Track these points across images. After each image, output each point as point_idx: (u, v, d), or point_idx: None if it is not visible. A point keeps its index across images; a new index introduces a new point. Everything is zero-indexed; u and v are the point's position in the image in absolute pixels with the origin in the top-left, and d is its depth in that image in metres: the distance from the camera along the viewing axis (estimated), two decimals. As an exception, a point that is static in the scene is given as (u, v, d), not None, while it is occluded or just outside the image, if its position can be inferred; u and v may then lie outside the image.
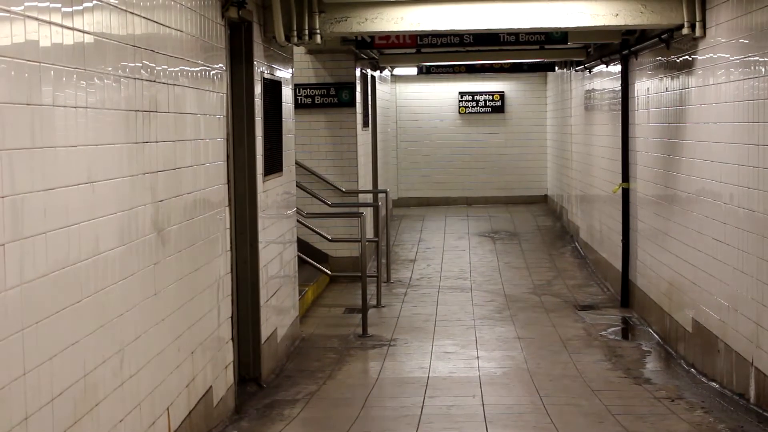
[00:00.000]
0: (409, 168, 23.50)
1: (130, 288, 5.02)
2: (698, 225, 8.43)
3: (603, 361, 9.07)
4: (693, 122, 8.67)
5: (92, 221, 4.50)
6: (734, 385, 7.48)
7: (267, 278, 8.43)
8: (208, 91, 6.62)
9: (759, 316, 6.93)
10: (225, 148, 7.10)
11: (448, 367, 8.96)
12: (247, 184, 8.00)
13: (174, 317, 5.78)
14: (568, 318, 11.01)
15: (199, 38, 6.42)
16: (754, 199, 7.01)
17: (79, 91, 4.35)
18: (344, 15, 9.04)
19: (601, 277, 13.26)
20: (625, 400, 7.77)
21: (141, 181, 5.19)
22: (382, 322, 10.89)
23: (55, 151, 4.10)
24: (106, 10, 4.70)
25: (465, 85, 23.15)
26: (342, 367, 8.98)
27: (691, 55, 8.68)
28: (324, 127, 13.80)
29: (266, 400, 7.81)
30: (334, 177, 13.71)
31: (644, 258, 10.70)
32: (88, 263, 4.45)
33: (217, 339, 6.82)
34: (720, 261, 7.80)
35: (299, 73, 12.96)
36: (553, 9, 8.96)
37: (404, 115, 23.50)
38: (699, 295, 8.43)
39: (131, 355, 5.01)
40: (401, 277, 13.92)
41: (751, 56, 7.03)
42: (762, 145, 6.83)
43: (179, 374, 5.89)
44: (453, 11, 9.07)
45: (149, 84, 5.33)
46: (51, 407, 4.05)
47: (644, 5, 8.77)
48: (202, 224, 6.44)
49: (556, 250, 16.23)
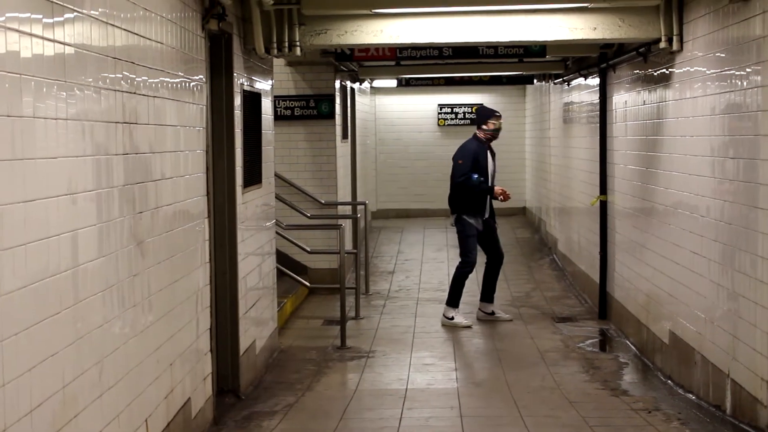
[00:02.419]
0: (388, 180, 23.53)
1: (110, 299, 5.02)
2: (675, 237, 8.48)
3: (581, 372, 9.11)
4: (670, 135, 8.73)
5: (72, 232, 4.51)
6: (711, 396, 7.53)
7: (246, 290, 8.43)
8: (188, 103, 6.63)
9: (735, 328, 6.98)
10: (204, 160, 7.11)
11: (426, 378, 8.97)
12: (226, 196, 8.01)
13: (153, 329, 5.78)
14: (546, 330, 11.04)
15: (180, 50, 6.43)
16: (730, 212, 7.07)
17: (60, 103, 4.36)
18: (324, 27, 9.07)
19: (579, 289, 13.31)
20: (602, 412, 7.81)
21: (121, 192, 5.19)
22: (361, 333, 10.90)
23: (35, 163, 4.11)
24: (86, 21, 4.71)
25: (444, 97, 23.21)
26: (320, 378, 8.98)
27: (669, 68, 8.74)
28: (303, 138, 13.82)
29: (245, 412, 7.80)
30: (314, 189, 13.72)
31: (622, 270, 10.75)
32: (68, 274, 4.46)
33: (195, 351, 6.82)
34: (697, 273, 7.85)
35: (279, 84, 12.98)
36: (532, 22, 9.02)
37: (383, 127, 23.55)
38: (676, 307, 8.48)
39: (110, 366, 5.01)
40: (380, 288, 13.93)
41: (728, 70, 7.09)
42: (738, 158, 6.89)
43: (158, 386, 5.89)
44: (432, 24, 9.11)
45: (129, 96, 5.34)
46: (30, 419, 4.05)
47: (622, 19, 8.84)
48: (182, 236, 6.45)
49: (535, 262, 16.28)
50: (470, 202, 11.46)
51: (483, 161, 11.52)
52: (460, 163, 11.52)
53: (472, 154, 11.49)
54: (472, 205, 11.46)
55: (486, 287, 11.71)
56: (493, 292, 11.69)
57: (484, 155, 11.55)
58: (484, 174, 11.48)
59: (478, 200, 11.47)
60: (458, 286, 11.45)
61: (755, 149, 6.54)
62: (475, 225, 11.48)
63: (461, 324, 11.23)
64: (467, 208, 11.46)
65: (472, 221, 11.47)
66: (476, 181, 11.37)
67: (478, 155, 11.49)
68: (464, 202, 11.47)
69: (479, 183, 11.38)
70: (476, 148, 11.56)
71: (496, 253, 11.74)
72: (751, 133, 6.63)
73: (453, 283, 11.51)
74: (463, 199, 11.47)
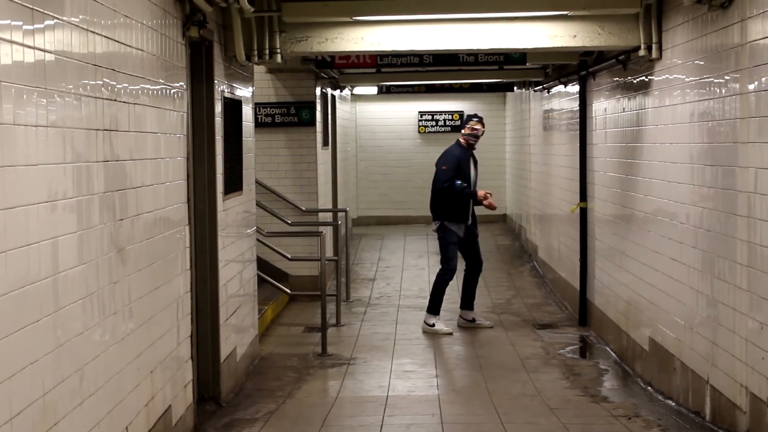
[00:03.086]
0: (369, 187, 23.55)
1: (90, 307, 5.01)
2: (655, 244, 8.52)
3: (561, 379, 9.13)
4: (650, 142, 8.76)
5: (52, 240, 4.50)
6: (690, 402, 7.56)
7: (227, 297, 8.42)
8: (168, 110, 6.63)
9: (714, 335, 7.02)
10: (185, 167, 7.10)
11: (407, 385, 8.98)
12: (207, 203, 8.00)
13: (134, 336, 5.77)
14: (526, 337, 11.07)
15: (160, 57, 6.43)
16: (709, 219, 7.10)
17: (40, 110, 4.35)
18: (305, 35, 9.08)
19: (560, 296, 13.34)
20: (582, 419, 7.83)
21: (101, 199, 5.18)
22: (342, 341, 10.90)
23: (15, 170, 4.10)
24: (67, 28, 4.71)
25: (425, 104, 23.25)
26: (301, 386, 8.97)
27: (648, 76, 8.79)
28: (284, 146, 13.82)
29: (225, 419, 7.79)
30: (294, 196, 13.72)
31: (602, 277, 10.79)
32: (48, 282, 4.45)
33: (176, 358, 6.81)
34: (676, 280, 7.89)
35: (260, 92, 12.98)
36: (512, 30, 9.05)
37: (364, 135, 23.56)
38: (656, 314, 8.51)
39: (91, 374, 4.99)
40: (361, 296, 13.93)
41: (706, 78, 7.13)
42: (717, 166, 6.92)
43: (138, 393, 5.88)
44: (413, 32, 9.13)
45: (110, 103, 5.33)
46: (9, 426, 4.03)
47: (602, 27, 8.87)
48: (162, 243, 6.44)
49: (515, 269, 16.31)
50: (453, 209, 11.46)
51: (466, 168, 11.53)
52: (444, 169, 11.52)
53: (456, 161, 11.50)
54: (454, 211, 11.46)
55: (465, 294, 11.72)
56: (473, 299, 11.70)
57: (467, 162, 11.57)
58: (467, 181, 11.49)
59: (461, 207, 11.48)
60: (439, 293, 11.46)
61: (733, 156, 6.58)
62: (457, 232, 11.49)
63: (442, 331, 11.23)
64: (450, 215, 11.47)
65: (455, 228, 11.48)
66: (459, 187, 11.38)
67: (461, 161, 11.51)
68: (447, 208, 11.48)
69: (462, 189, 11.39)
70: (460, 154, 11.57)
71: (476, 260, 11.75)
72: (729, 141, 6.67)
73: (433, 290, 11.51)
74: (446, 205, 11.48)
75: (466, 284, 11.73)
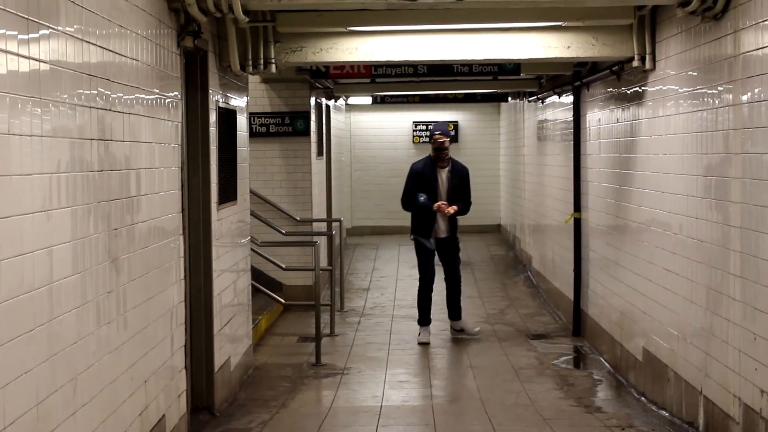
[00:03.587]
0: (363, 197, 23.55)
1: (84, 316, 5.01)
2: (649, 255, 8.53)
3: (555, 389, 9.13)
4: (643, 153, 8.78)
5: (47, 249, 4.50)
6: (684, 413, 7.56)
7: (221, 307, 8.42)
8: (163, 120, 6.63)
9: (708, 346, 7.03)
10: (180, 177, 7.11)
11: (401, 395, 8.98)
12: (201, 213, 8.00)
13: (128, 346, 5.77)
14: (520, 347, 11.07)
15: (155, 67, 6.44)
16: (702, 230, 7.12)
17: (35, 119, 4.36)
18: (299, 45, 9.10)
19: (554, 306, 13.35)
20: (576, 429, 7.83)
21: (96, 209, 5.19)
22: (336, 350, 10.90)
23: (10, 180, 4.10)
24: (62, 38, 4.72)
25: (419, 114, 23.27)
26: (295, 396, 8.97)
27: (641, 86, 8.81)
28: (278, 155, 13.83)
29: (219, 429, 7.79)
30: (289, 206, 13.72)
31: (596, 287, 10.80)
32: (43, 291, 4.45)
33: (170, 368, 6.81)
34: (670, 291, 7.90)
35: (254, 101, 13.00)
36: (507, 41, 9.07)
37: (358, 144, 23.58)
38: (649, 325, 8.52)
39: (84, 383, 4.99)
40: (355, 305, 13.93)
41: (699, 88, 7.15)
42: (710, 176, 6.94)
43: (132, 403, 5.88)
44: (407, 42, 9.15)
45: (104, 112, 5.34)
46: (3, 436, 4.04)
47: (595, 38, 8.90)
48: (157, 252, 6.44)
49: (509, 279, 16.32)
50: (417, 222, 11.52)
51: (430, 178, 11.46)
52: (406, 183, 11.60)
53: (413, 173, 11.53)
54: (418, 225, 11.51)
55: (449, 306, 11.79)
56: (459, 310, 11.73)
57: (431, 173, 11.48)
58: (432, 191, 11.44)
59: (423, 220, 11.47)
60: (419, 304, 11.60)
61: (727, 167, 6.60)
62: (426, 245, 11.53)
63: (418, 339, 11.31)
64: (415, 228, 11.54)
65: (423, 241, 11.53)
66: (417, 201, 11.39)
67: (421, 173, 11.47)
68: (413, 221, 11.56)
69: (419, 203, 11.37)
70: (421, 166, 11.58)
71: (451, 274, 11.77)
72: (722, 151, 6.69)
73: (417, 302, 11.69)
74: (412, 218, 11.56)
75: (447, 296, 11.81)
